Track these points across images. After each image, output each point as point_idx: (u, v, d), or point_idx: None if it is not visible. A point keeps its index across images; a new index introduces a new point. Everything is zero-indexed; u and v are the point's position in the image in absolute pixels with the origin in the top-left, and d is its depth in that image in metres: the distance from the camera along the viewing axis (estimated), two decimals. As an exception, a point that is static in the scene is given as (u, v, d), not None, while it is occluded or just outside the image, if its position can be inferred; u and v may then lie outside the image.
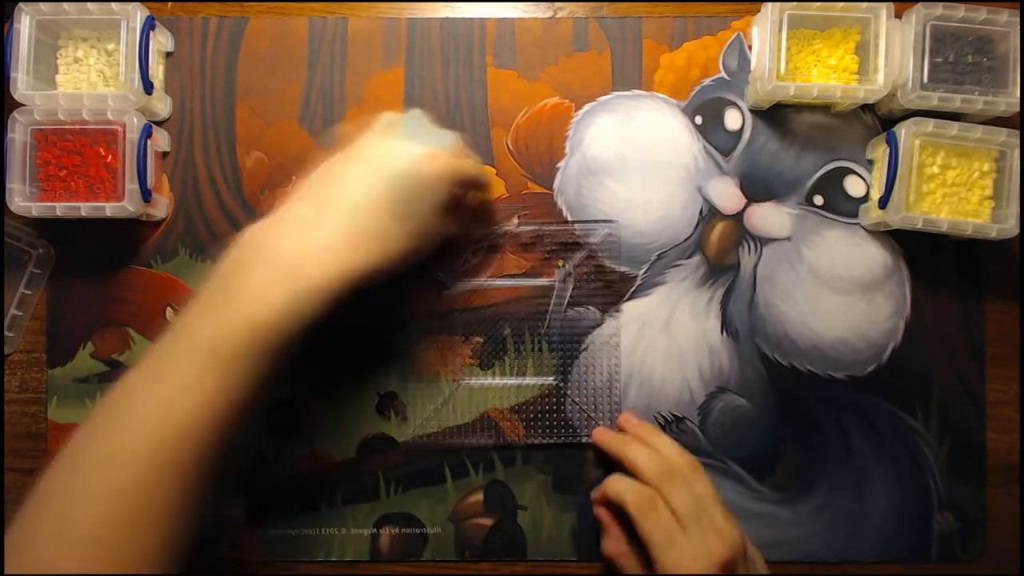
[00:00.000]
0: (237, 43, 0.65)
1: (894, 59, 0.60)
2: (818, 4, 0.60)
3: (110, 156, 0.60)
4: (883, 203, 0.59)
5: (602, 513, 0.60)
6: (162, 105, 0.64)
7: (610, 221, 0.64)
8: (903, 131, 0.59)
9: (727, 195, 0.64)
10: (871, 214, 0.62)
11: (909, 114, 0.61)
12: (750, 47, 0.65)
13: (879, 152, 0.63)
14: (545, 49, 0.65)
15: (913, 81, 0.59)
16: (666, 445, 0.59)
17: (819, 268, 0.63)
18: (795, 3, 0.60)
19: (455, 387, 0.63)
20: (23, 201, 0.59)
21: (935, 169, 0.61)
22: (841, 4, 0.60)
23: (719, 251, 0.64)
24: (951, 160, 0.61)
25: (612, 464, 0.60)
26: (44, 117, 0.59)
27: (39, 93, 0.59)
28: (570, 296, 0.64)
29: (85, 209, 0.59)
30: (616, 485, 0.58)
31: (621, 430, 0.62)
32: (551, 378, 0.63)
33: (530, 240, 0.64)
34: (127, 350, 0.64)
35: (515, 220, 0.64)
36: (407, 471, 0.63)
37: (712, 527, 0.54)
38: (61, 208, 0.59)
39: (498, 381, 0.63)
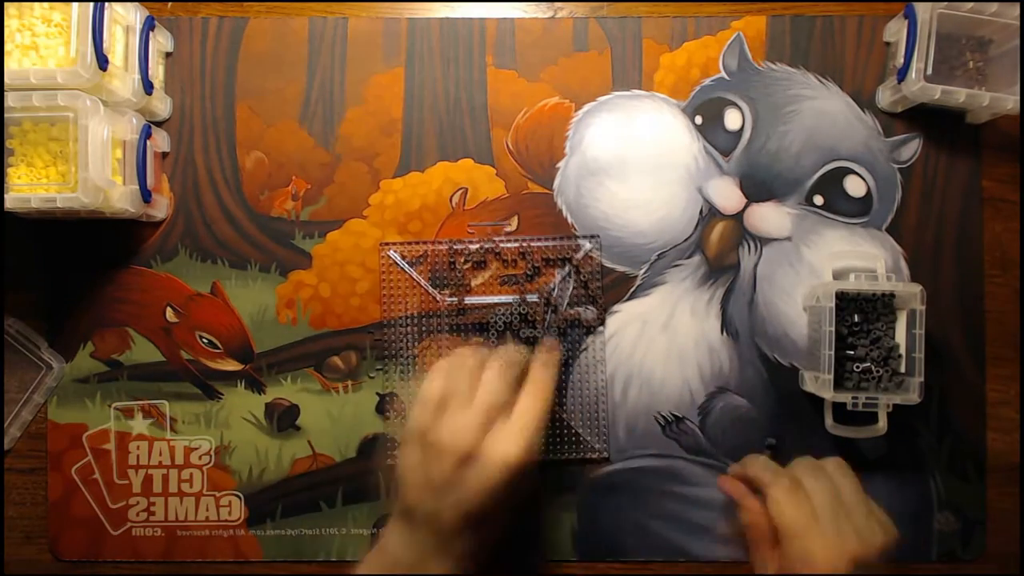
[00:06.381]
0: (237, 43, 0.65)
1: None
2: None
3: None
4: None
5: (734, 487, 0.59)
6: (162, 105, 0.64)
7: (594, 236, 0.64)
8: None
9: (727, 195, 0.64)
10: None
11: (910, 112, 0.61)
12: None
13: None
14: (545, 49, 0.65)
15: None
16: (806, 459, 0.58)
17: (819, 268, 0.63)
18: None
19: None
20: None
21: None
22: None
23: (719, 251, 0.64)
24: None
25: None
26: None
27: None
28: (559, 307, 0.64)
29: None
30: (757, 465, 0.58)
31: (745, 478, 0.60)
32: None
33: (516, 256, 0.64)
34: (127, 350, 0.64)
35: (514, 221, 0.64)
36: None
37: (851, 526, 0.53)
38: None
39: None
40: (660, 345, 0.64)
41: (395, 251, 0.64)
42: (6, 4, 0.56)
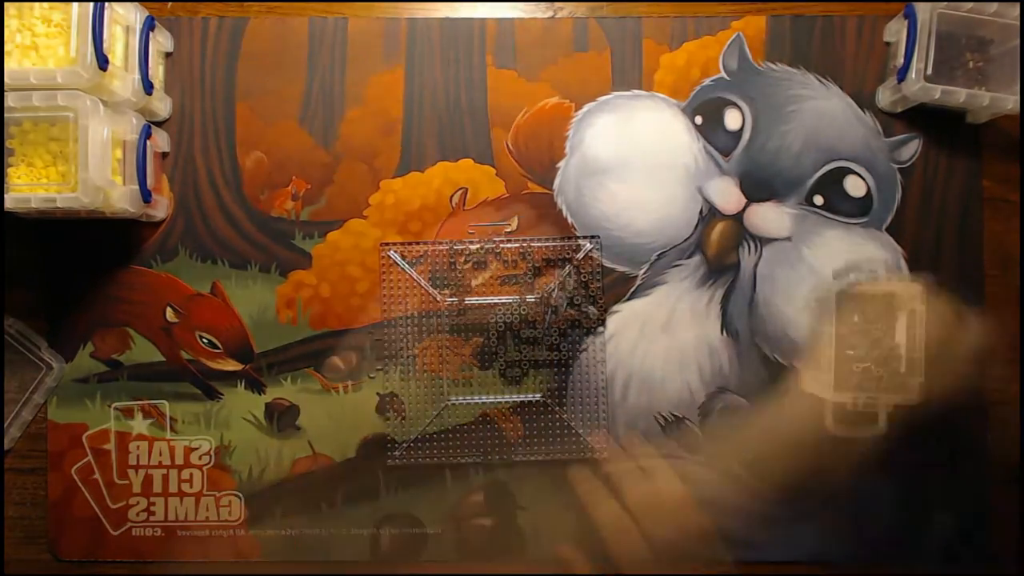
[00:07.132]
0: (237, 43, 0.65)
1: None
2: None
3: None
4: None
5: None
6: (162, 105, 0.64)
7: (594, 236, 0.64)
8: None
9: (727, 195, 0.64)
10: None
11: (910, 112, 0.61)
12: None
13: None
14: (545, 49, 0.65)
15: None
16: None
17: (819, 268, 0.63)
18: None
19: (445, 404, 0.63)
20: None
21: None
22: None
23: (719, 251, 0.64)
24: None
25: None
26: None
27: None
28: (559, 307, 0.64)
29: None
30: None
31: None
32: (538, 395, 0.64)
33: (516, 256, 0.64)
34: (127, 350, 0.64)
35: (514, 221, 0.64)
36: (407, 471, 0.63)
37: None
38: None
39: (490, 399, 0.64)
40: (660, 345, 0.64)
41: (395, 251, 0.64)
42: (6, 4, 0.56)
